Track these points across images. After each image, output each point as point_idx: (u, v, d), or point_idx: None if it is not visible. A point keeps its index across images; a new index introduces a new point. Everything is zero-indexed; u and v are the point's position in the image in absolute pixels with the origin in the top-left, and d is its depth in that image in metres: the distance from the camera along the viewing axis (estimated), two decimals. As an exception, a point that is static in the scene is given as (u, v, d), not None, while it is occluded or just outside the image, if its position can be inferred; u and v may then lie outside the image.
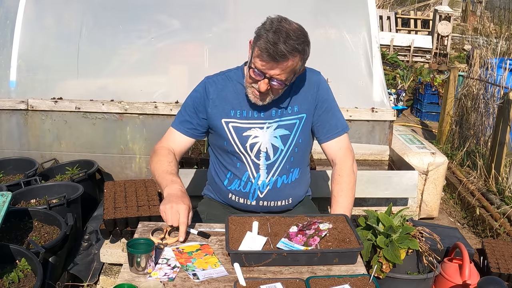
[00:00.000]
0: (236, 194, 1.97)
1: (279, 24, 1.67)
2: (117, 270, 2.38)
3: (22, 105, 3.26)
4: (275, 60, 1.64)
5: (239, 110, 1.88)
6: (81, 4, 3.39)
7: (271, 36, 1.63)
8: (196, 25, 3.39)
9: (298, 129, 1.91)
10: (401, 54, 8.89)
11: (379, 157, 3.29)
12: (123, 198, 2.35)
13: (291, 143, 1.91)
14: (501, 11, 12.07)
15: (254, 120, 1.88)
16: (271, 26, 1.67)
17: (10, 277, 1.92)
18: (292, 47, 1.64)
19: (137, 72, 3.37)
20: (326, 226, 1.65)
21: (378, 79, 3.36)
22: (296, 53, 1.66)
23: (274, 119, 1.89)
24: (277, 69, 1.67)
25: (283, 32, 1.64)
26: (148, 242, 1.54)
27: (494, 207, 3.54)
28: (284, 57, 1.64)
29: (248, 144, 1.89)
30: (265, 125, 1.88)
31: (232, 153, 1.92)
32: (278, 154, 1.92)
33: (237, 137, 1.89)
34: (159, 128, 3.30)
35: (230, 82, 1.91)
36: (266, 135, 1.89)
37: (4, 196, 2.12)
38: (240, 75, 1.91)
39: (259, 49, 1.66)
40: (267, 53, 1.64)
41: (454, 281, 2.21)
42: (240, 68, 1.94)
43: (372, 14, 3.40)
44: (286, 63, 1.67)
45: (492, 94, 4.48)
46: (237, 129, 1.89)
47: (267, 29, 1.66)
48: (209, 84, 1.91)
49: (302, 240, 1.60)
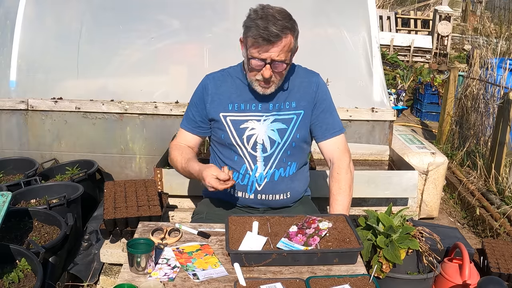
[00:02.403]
0: (234, 187, 1.99)
1: (263, 11, 1.75)
2: (117, 270, 2.38)
3: (22, 105, 3.26)
4: (270, 41, 1.71)
5: (236, 104, 1.94)
6: (81, 4, 3.39)
7: (260, 23, 1.70)
8: (196, 25, 3.39)
9: (296, 124, 1.95)
10: (401, 54, 8.89)
11: (379, 157, 3.29)
12: (123, 198, 2.35)
13: (288, 136, 1.95)
14: (501, 11, 12.08)
15: (251, 113, 1.93)
16: (257, 14, 1.74)
17: (10, 277, 1.92)
18: (282, 26, 1.71)
19: (137, 72, 3.38)
20: (326, 225, 1.66)
21: (378, 79, 3.36)
22: (287, 30, 1.73)
23: (271, 113, 1.93)
24: (274, 50, 1.73)
25: (269, 16, 1.72)
26: (148, 242, 1.54)
27: (494, 207, 3.54)
28: (277, 36, 1.71)
29: (245, 136, 1.93)
30: (262, 118, 1.93)
31: (230, 146, 1.96)
32: (275, 147, 1.95)
33: (234, 130, 1.94)
34: (159, 128, 3.30)
35: (229, 77, 1.97)
36: (262, 127, 1.93)
37: (4, 196, 2.12)
38: (239, 71, 1.97)
39: (253, 38, 1.73)
40: (261, 38, 1.70)
41: (454, 281, 2.21)
42: (239, 64, 1.99)
43: (372, 14, 3.40)
44: (281, 42, 1.73)
45: (492, 94, 4.48)
46: (234, 122, 1.93)
47: (254, 18, 1.73)
48: (208, 81, 1.98)
49: (302, 240, 1.61)
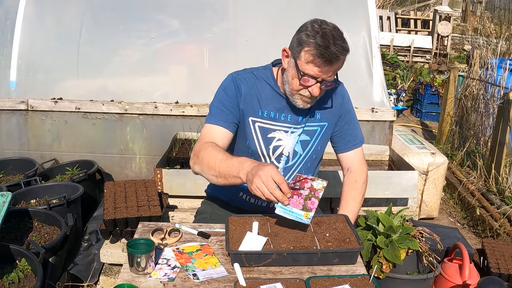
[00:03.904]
0: (248, 194, 1.93)
1: (321, 27, 1.65)
2: (117, 270, 2.38)
3: (22, 105, 3.26)
4: (331, 63, 1.64)
5: (266, 111, 1.85)
6: (81, 4, 3.40)
7: (321, 40, 1.62)
8: (196, 25, 3.39)
9: (319, 136, 1.91)
10: (401, 54, 8.90)
11: (379, 157, 3.30)
12: (123, 198, 2.35)
13: (310, 149, 1.91)
14: (501, 11, 12.08)
15: (280, 123, 1.86)
16: (315, 30, 1.64)
17: (10, 277, 1.92)
18: (341, 47, 1.64)
19: (137, 72, 3.38)
20: (320, 185, 1.60)
21: (378, 79, 3.36)
22: (345, 52, 1.66)
23: (300, 125, 1.87)
24: (330, 71, 1.68)
25: (329, 35, 1.63)
26: (148, 242, 1.54)
27: (494, 207, 3.54)
28: (338, 58, 1.64)
29: (272, 146, 1.87)
30: (290, 130, 1.86)
31: (252, 154, 1.87)
32: (297, 159, 1.91)
33: (262, 138, 1.86)
34: (159, 128, 3.30)
35: (258, 81, 1.86)
36: (290, 139, 1.87)
37: (4, 196, 2.12)
38: (268, 75, 1.87)
39: (311, 56, 1.64)
40: (323, 58, 1.62)
41: (454, 281, 2.21)
42: (268, 68, 1.90)
43: (372, 15, 3.40)
44: (338, 64, 1.68)
45: (492, 94, 4.48)
46: (262, 129, 1.86)
47: (313, 34, 1.64)
48: (239, 81, 1.85)
49: (300, 203, 1.55)
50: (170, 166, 2.87)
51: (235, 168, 1.58)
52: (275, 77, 1.86)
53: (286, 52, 1.75)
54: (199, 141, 1.79)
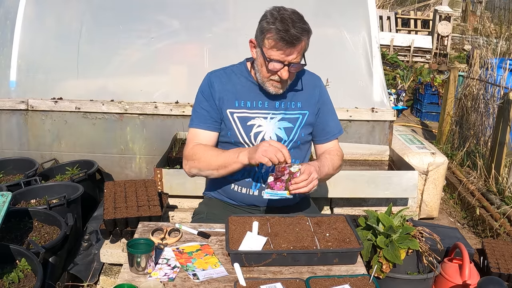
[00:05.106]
0: (239, 184, 1.98)
1: (280, 13, 1.75)
2: (117, 270, 2.38)
3: (22, 105, 3.26)
4: (293, 44, 1.73)
5: (243, 101, 1.94)
6: (81, 4, 3.39)
7: (280, 25, 1.72)
8: (196, 25, 3.39)
9: (301, 124, 1.98)
10: (401, 54, 8.90)
11: (379, 157, 3.29)
12: (123, 198, 2.35)
13: (294, 135, 1.97)
14: (501, 11, 12.08)
15: (258, 110, 1.94)
16: (274, 17, 1.75)
17: (10, 277, 1.92)
18: (301, 28, 1.73)
19: (137, 72, 3.38)
20: (297, 168, 1.71)
21: (378, 79, 3.36)
22: (305, 32, 1.76)
23: (278, 111, 1.95)
24: (294, 52, 1.76)
25: (287, 19, 1.73)
26: (148, 242, 1.54)
27: (494, 207, 3.54)
28: (299, 39, 1.73)
29: (253, 133, 1.93)
30: (269, 115, 1.94)
31: (236, 144, 1.94)
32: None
33: (242, 127, 1.93)
34: (159, 128, 3.30)
35: (233, 75, 1.97)
36: (270, 125, 1.94)
37: (4, 196, 2.12)
38: (243, 69, 1.98)
39: (273, 41, 1.74)
40: (283, 41, 1.72)
41: (454, 281, 2.21)
42: (242, 63, 2.01)
43: (372, 14, 3.40)
44: (300, 45, 1.76)
45: (492, 94, 4.48)
46: (241, 119, 1.93)
47: (272, 21, 1.74)
48: (212, 78, 1.97)
49: (282, 186, 1.70)
50: (170, 166, 2.87)
51: (233, 155, 1.81)
52: (249, 69, 1.97)
53: (252, 43, 1.87)
54: (187, 146, 1.95)
